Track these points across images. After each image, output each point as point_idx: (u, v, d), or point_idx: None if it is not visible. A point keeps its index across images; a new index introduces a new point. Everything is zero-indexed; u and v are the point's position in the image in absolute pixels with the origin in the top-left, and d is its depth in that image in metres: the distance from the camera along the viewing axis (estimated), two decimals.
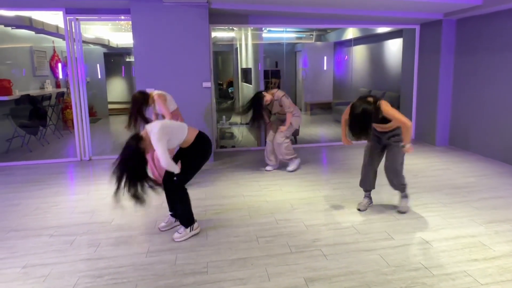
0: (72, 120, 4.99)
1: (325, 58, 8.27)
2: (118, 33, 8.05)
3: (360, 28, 6.96)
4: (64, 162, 4.91)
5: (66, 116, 7.17)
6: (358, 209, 3.16)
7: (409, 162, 4.47)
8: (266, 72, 7.67)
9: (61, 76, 7.37)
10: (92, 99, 8.66)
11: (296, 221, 2.96)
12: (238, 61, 8.12)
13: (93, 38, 7.70)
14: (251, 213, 3.14)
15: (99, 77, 8.89)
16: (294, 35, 7.96)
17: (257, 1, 4.40)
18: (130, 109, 3.36)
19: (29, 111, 5.85)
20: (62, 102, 7.17)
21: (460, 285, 2.09)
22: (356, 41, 7.75)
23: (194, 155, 2.62)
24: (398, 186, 3.06)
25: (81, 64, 4.84)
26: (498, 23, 4.51)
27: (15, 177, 4.28)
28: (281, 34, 6.92)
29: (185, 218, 2.68)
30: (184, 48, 4.46)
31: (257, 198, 3.50)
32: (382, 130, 2.92)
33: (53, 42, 7.12)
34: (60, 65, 7.30)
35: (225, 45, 8.80)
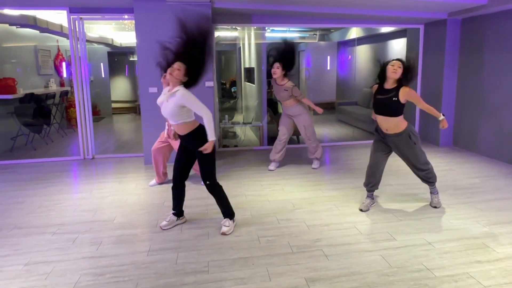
0: (75, 118, 5.01)
1: (328, 57, 8.24)
2: (121, 32, 8.08)
3: (363, 27, 6.93)
4: (67, 161, 4.94)
5: (70, 114, 7.21)
6: (361, 209, 3.14)
7: None
8: (269, 71, 7.65)
9: (65, 75, 7.42)
10: (95, 98, 8.70)
11: (297, 221, 2.96)
12: (241, 60, 8.12)
13: (97, 37, 7.74)
14: (253, 212, 3.14)
15: (103, 76, 8.93)
16: (297, 35, 7.93)
17: (260, 0, 4.39)
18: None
19: (33, 110, 5.89)
20: (66, 100, 7.21)
21: (462, 287, 2.08)
22: (359, 40, 7.72)
23: (203, 153, 2.62)
24: (430, 178, 3.09)
25: (84, 63, 4.86)
26: (503, 23, 4.47)
27: (19, 175, 4.32)
28: (284, 34, 6.90)
29: (228, 210, 2.77)
30: None
31: (259, 197, 3.49)
32: (390, 132, 2.91)
33: (57, 41, 7.17)
34: (64, 64, 7.35)
35: (228, 44, 8.80)
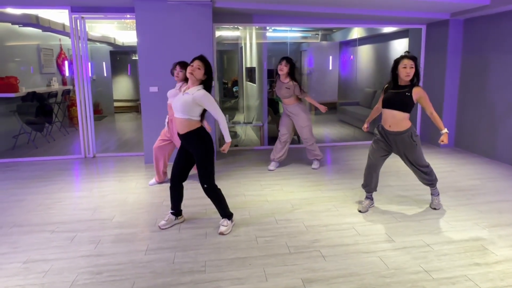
0: (77, 117, 5.04)
1: (330, 58, 8.22)
2: (124, 31, 8.10)
3: (365, 28, 6.90)
4: (68, 159, 4.96)
5: (72, 113, 7.24)
6: (359, 210, 3.13)
7: None
8: (271, 71, 7.65)
9: (67, 73, 7.45)
10: (98, 97, 8.74)
11: (296, 221, 2.95)
12: (243, 60, 8.12)
13: (99, 36, 7.77)
14: (252, 212, 3.14)
15: (105, 75, 8.96)
16: (299, 35, 7.91)
17: (261, 0, 4.38)
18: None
19: (35, 108, 5.93)
20: (68, 99, 7.24)
21: None
22: (361, 41, 7.69)
23: (202, 152, 2.62)
24: (431, 181, 3.08)
25: (86, 62, 4.88)
26: (506, 24, 4.44)
27: (21, 173, 4.34)
28: (286, 34, 6.89)
29: (226, 212, 2.77)
30: (187, 46, 4.47)
31: (258, 197, 3.49)
32: (393, 129, 2.89)
33: (60, 40, 7.20)
34: (66, 62, 7.38)
35: (230, 44, 8.80)
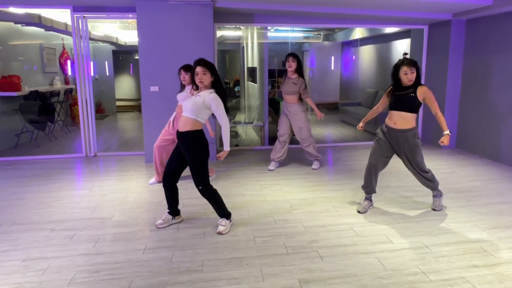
0: (79, 116, 5.06)
1: (332, 58, 8.20)
2: (126, 31, 8.14)
3: (368, 28, 6.88)
4: (70, 158, 4.99)
5: (74, 112, 7.28)
6: (358, 211, 3.13)
7: None
8: (272, 71, 7.64)
9: (70, 73, 7.49)
10: (100, 96, 8.78)
11: (294, 221, 2.95)
12: (245, 60, 8.12)
13: (101, 35, 7.80)
14: (250, 212, 3.14)
15: (108, 74, 8.99)
16: (301, 35, 7.91)
17: (262, 0, 4.38)
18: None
19: (37, 107, 5.96)
20: (70, 98, 7.28)
21: None
22: (363, 41, 7.67)
23: (195, 154, 2.62)
24: (432, 185, 3.09)
25: (87, 61, 4.90)
26: (509, 24, 4.41)
27: (23, 171, 4.37)
28: (288, 34, 6.88)
29: (224, 212, 2.78)
30: (188, 46, 4.48)
31: (257, 197, 3.49)
32: (398, 127, 2.89)
33: (62, 39, 7.24)
34: (69, 62, 7.42)
35: (232, 43, 8.80)
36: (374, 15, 4.95)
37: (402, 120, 2.88)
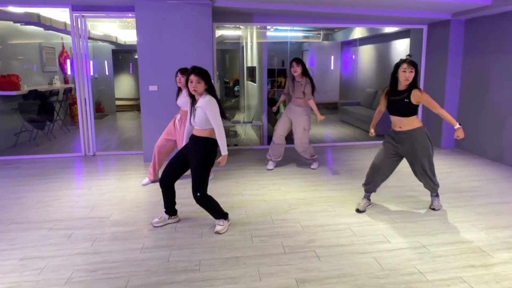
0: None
1: (332, 57, 8.20)
2: (125, 30, 8.13)
3: (367, 28, 6.87)
4: (69, 157, 4.99)
5: (73, 111, 7.28)
6: (357, 209, 3.13)
7: None
8: (271, 71, 7.64)
9: (69, 72, 7.49)
10: (100, 96, 8.78)
11: (292, 221, 2.95)
12: (244, 59, 8.12)
13: (101, 35, 7.80)
14: (248, 212, 3.14)
15: (107, 73, 8.99)
16: (301, 34, 7.90)
17: None
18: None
19: (37, 106, 5.96)
20: (70, 97, 7.28)
21: None
22: (363, 41, 7.66)
23: (201, 160, 2.62)
24: (435, 187, 3.09)
25: (87, 60, 4.90)
26: (508, 24, 4.40)
27: (22, 170, 4.37)
28: (288, 33, 6.88)
29: (219, 214, 2.78)
30: (187, 46, 4.48)
31: (255, 197, 3.49)
32: (404, 129, 2.89)
33: (62, 38, 7.24)
34: (68, 61, 7.42)
35: (232, 43, 8.80)
36: (374, 15, 4.95)
37: (405, 123, 2.90)
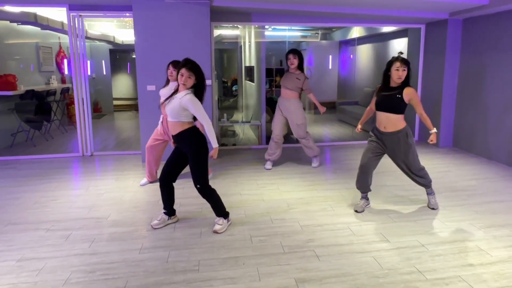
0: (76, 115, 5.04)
1: (330, 57, 8.20)
2: (123, 30, 8.10)
3: (365, 27, 6.88)
4: (66, 157, 4.97)
5: (71, 111, 7.25)
6: (355, 210, 3.13)
7: None
8: (269, 70, 7.63)
9: (66, 72, 7.45)
10: (97, 95, 8.74)
11: (291, 221, 2.95)
12: (242, 59, 8.11)
13: (98, 34, 7.76)
14: (247, 212, 3.13)
15: (105, 73, 8.96)
16: (299, 34, 7.90)
17: None
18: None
19: (34, 106, 5.93)
20: (67, 97, 7.24)
21: None
22: (361, 40, 7.67)
23: (195, 151, 2.63)
24: (425, 183, 3.09)
25: (84, 60, 4.87)
26: (505, 23, 4.42)
27: (19, 171, 4.35)
28: (286, 33, 6.88)
29: (222, 211, 2.78)
30: (185, 45, 4.46)
31: (254, 197, 3.49)
32: (388, 131, 2.89)
33: (59, 38, 7.20)
34: (66, 61, 7.38)
35: (230, 42, 8.79)
36: (372, 14, 4.95)
37: (390, 123, 2.87)
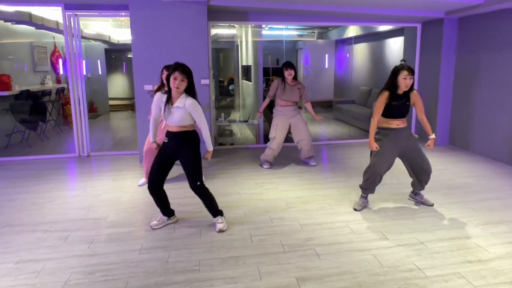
0: (72, 115, 4.99)
1: (326, 56, 8.22)
2: (119, 29, 8.04)
3: (361, 26, 6.90)
4: (62, 158, 4.93)
5: (66, 111, 7.18)
6: (354, 208, 3.14)
7: None
8: (266, 69, 7.63)
9: (61, 71, 7.38)
10: (93, 95, 8.67)
11: (291, 220, 2.95)
12: (239, 58, 8.09)
13: (94, 34, 7.70)
14: (246, 211, 3.13)
15: (100, 73, 8.89)
16: (295, 33, 7.91)
17: None
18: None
19: (29, 107, 5.87)
20: (62, 97, 7.18)
21: (452, 287, 2.08)
22: (357, 39, 7.69)
23: (194, 153, 2.66)
24: (427, 182, 3.17)
25: (80, 60, 4.83)
26: (500, 22, 4.45)
27: (14, 172, 4.30)
28: (282, 32, 6.88)
29: (217, 209, 2.80)
30: (182, 45, 4.44)
31: (253, 196, 3.49)
32: (401, 126, 2.99)
33: (54, 37, 7.13)
34: (61, 60, 7.31)
35: (226, 42, 8.76)
36: (368, 13, 4.97)
37: (402, 121, 3.03)
